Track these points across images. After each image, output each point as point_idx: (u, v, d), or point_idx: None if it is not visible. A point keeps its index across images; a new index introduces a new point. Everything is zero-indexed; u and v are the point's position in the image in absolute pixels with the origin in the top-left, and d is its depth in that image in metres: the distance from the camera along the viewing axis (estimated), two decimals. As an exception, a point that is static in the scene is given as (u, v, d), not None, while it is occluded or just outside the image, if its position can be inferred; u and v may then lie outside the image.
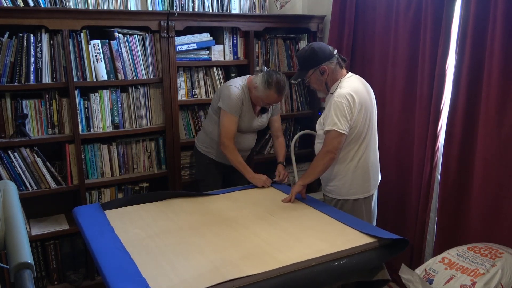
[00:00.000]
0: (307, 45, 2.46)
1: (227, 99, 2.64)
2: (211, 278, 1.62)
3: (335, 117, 2.27)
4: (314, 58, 2.36)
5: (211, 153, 2.85)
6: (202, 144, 2.88)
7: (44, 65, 2.54)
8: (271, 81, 2.57)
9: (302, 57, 2.42)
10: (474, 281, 1.95)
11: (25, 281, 0.98)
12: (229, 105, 2.63)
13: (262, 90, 2.59)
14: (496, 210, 2.28)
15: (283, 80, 2.60)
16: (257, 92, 2.63)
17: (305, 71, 2.40)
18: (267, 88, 2.58)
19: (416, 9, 2.61)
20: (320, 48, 2.37)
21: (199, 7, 3.07)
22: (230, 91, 2.64)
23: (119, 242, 1.92)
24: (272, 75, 2.58)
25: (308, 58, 2.37)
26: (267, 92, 2.58)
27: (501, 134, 2.21)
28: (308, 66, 2.39)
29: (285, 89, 2.62)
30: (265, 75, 2.59)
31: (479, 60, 2.28)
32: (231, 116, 2.65)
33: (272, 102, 2.68)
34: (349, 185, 2.41)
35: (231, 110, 2.64)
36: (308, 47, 2.40)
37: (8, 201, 1.27)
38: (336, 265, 1.82)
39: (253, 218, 2.22)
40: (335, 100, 2.28)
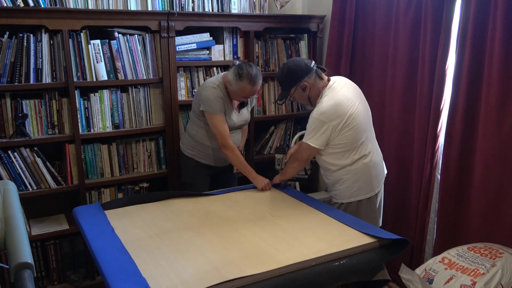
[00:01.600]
0: (283, 64, 2.48)
1: (208, 101, 2.57)
2: (211, 278, 1.62)
3: (311, 132, 2.35)
4: (292, 77, 2.37)
5: (196, 156, 2.78)
6: (187, 147, 2.81)
7: (44, 65, 2.54)
8: (241, 73, 2.52)
9: (280, 78, 2.44)
10: (474, 281, 1.95)
11: (25, 281, 0.98)
12: (213, 106, 2.57)
13: (235, 83, 2.55)
14: (496, 210, 2.28)
15: (255, 71, 2.55)
16: (231, 87, 2.58)
17: (287, 90, 2.43)
18: (239, 81, 2.53)
19: (416, 9, 2.61)
20: (295, 65, 2.37)
21: (199, 7, 3.08)
22: (209, 93, 2.58)
23: (119, 242, 1.92)
24: (242, 67, 2.54)
25: (286, 78, 2.39)
26: (240, 84, 2.54)
27: (501, 134, 2.21)
28: (288, 85, 2.41)
29: (257, 80, 2.56)
30: (236, 69, 2.55)
31: (479, 60, 2.28)
32: (219, 117, 2.59)
33: (248, 94, 2.61)
34: (352, 188, 2.41)
35: (216, 110, 2.58)
36: (284, 67, 2.42)
37: (8, 201, 1.27)
38: (336, 265, 1.82)
39: (253, 218, 2.22)
40: (313, 116, 2.34)
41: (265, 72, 3.29)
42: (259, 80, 2.59)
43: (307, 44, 3.43)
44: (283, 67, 2.43)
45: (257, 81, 2.57)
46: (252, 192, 2.64)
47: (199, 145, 2.76)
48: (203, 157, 2.78)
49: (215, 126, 2.60)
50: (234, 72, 2.55)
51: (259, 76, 2.58)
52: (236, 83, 2.55)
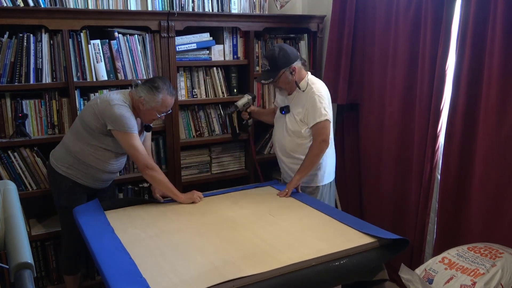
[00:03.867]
0: (274, 46, 2.48)
1: (122, 119, 2.28)
2: (211, 278, 1.62)
3: (323, 109, 2.48)
4: (286, 58, 2.46)
5: (74, 175, 2.42)
6: (62, 164, 2.41)
7: (44, 65, 2.54)
8: (157, 85, 2.33)
9: (273, 57, 2.45)
10: (474, 281, 1.95)
11: (25, 281, 0.98)
12: (129, 124, 2.29)
13: (153, 99, 2.33)
14: (496, 210, 2.28)
15: (168, 82, 2.42)
16: (148, 105, 2.34)
17: (276, 71, 2.46)
18: (158, 94, 2.33)
19: (416, 9, 2.61)
20: (290, 49, 2.51)
21: (199, 7, 3.08)
22: (121, 110, 2.30)
23: (119, 242, 1.92)
24: (154, 80, 2.37)
25: (280, 58, 2.45)
26: (159, 98, 2.33)
27: (501, 134, 2.21)
28: (280, 66, 2.47)
29: (174, 90, 2.43)
30: (147, 84, 2.36)
31: (479, 60, 2.28)
32: (135, 135, 2.33)
33: (169, 107, 2.42)
34: (326, 171, 2.66)
35: (133, 128, 2.31)
36: (278, 48, 2.47)
37: (8, 201, 1.27)
38: (336, 265, 1.82)
39: (253, 218, 2.23)
40: (317, 94, 2.49)
41: (265, 72, 3.29)
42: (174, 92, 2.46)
43: (307, 44, 3.43)
44: (276, 47, 2.46)
45: (174, 93, 2.42)
46: (252, 192, 2.64)
47: (81, 165, 2.41)
48: (82, 177, 2.44)
49: (133, 146, 2.32)
50: (147, 88, 2.34)
51: (174, 88, 2.46)
52: (154, 98, 2.33)
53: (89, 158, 2.39)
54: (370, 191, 3.16)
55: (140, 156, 2.33)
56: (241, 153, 3.32)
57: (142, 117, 2.43)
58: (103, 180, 2.52)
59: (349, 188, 3.35)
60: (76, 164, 2.41)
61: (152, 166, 2.37)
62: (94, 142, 2.37)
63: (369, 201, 3.17)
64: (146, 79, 2.44)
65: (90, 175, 2.44)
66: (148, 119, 2.44)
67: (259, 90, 3.30)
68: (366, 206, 3.22)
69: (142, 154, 2.33)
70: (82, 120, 2.38)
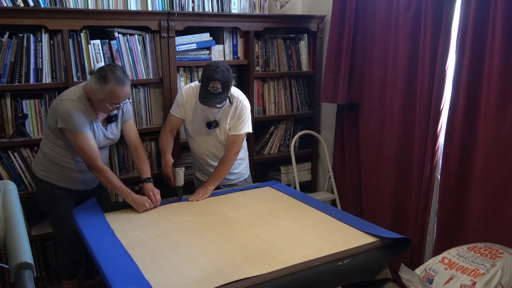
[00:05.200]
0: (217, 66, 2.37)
1: (68, 117, 2.16)
2: (214, 280, 1.62)
3: (249, 122, 2.59)
4: (232, 77, 2.45)
5: (50, 178, 2.35)
6: (39, 168, 2.36)
7: (44, 65, 2.54)
8: (105, 75, 2.17)
9: (227, 80, 2.37)
10: (474, 281, 1.95)
11: (25, 281, 0.98)
12: (74, 122, 2.17)
13: (100, 90, 2.18)
14: (496, 210, 2.28)
15: (120, 70, 2.23)
16: (97, 95, 2.21)
17: (227, 92, 2.42)
18: (105, 85, 2.17)
19: (416, 9, 2.61)
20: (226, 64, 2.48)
21: (199, 7, 3.08)
22: (67, 106, 2.17)
23: (120, 244, 1.91)
24: (103, 69, 2.21)
25: (231, 78, 2.43)
26: (107, 88, 2.17)
27: (501, 134, 2.21)
28: (231, 85, 2.44)
29: (126, 80, 2.23)
30: (96, 73, 2.20)
31: (479, 60, 2.28)
32: (82, 134, 2.20)
33: (120, 98, 2.23)
34: (246, 165, 2.84)
35: (80, 127, 2.19)
36: (225, 68, 2.40)
37: (8, 201, 1.27)
38: (339, 265, 1.82)
39: (254, 218, 2.22)
40: (246, 106, 2.57)
41: (265, 72, 3.29)
42: (128, 81, 2.26)
43: (307, 44, 3.43)
44: (223, 68, 2.38)
45: (125, 82, 2.23)
46: (251, 192, 2.64)
47: (54, 166, 2.34)
48: (60, 179, 2.36)
49: (79, 146, 2.21)
50: (96, 77, 2.19)
51: (126, 77, 2.25)
52: (102, 89, 2.18)
53: (60, 158, 2.32)
54: (370, 191, 3.16)
55: (84, 156, 2.23)
56: (241, 153, 3.32)
57: (97, 107, 2.27)
58: (82, 181, 2.41)
59: (349, 188, 3.35)
60: (51, 166, 2.34)
61: (97, 168, 2.25)
62: (60, 141, 2.29)
63: (369, 201, 3.17)
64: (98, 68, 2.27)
65: (66, 176, 2.36)
66: (102, 110, 2.29)
67: (259, 90, 3.30)
68: (366, 206, 3.22)
69: (86, 154, 2.21)
70: (47, 120, 2.33)
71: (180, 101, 2.61)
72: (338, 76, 3.11)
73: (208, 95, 2.36)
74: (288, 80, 3.44)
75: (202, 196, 2.50)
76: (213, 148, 2.66)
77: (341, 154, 3.37)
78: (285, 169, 3.52)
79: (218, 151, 2.66)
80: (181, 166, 2.49)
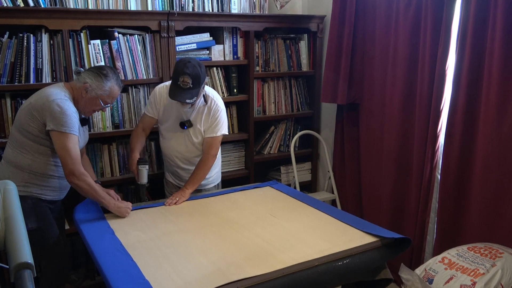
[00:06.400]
0: (188, 61, 2.32)
1: (64, 117, 2.04)
2: (215, 280, 1.62)
3: (225, 124, 2.55)
4: (204, 73, 2.39)
5: (35, 192, 2.13)
6: (19, 185, 1.98)
7: (44, 65, 2.54)
8: (106, 73, 2.16)
9: (198, 74, 2.30)
10: (474, 281, 1.95)
11: (25, 281, 0.98)
12: (70, 123, 2.06)
13: (100, 86, 2.15)
14: (496, 210, 2.28)
15: (117, 71, 2.28)
16: (93, 92, 2.15)
17: (198, 88, 2.34)
18: (106, 81, 2.15)
19: (416, 9, 2.61)
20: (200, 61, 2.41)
21: (199, 7, 3.08)
22: (63, 106, 2.05)
23: (120, 244, 1.92)
24: (103, 67, 2.21)
25: (203, 73, 2.36)
26: (107, 85, 2.16)
27: (501, 134, 2.21)
28: (202, 81, 2.36)
29: (121, 82, 2.25)
30: (94, 70, 2.18)
31: (479, 60, 2.28)
32: (74, 137, 2.08)
33: (114, 98, 2.24)
34: (218, 170, 2.77)
35: (73, 129, 2.07)
36: (197, 63, 2.34)
37: (8, 201, 1.27)
38: (339, 265, 1.82)
39: (254, 218, 2.22)
40: (222, 108, 2.53)
41: (265, 72, 3.29)
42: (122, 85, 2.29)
43: (307, 44, 3.43)
44: (195, 63, 2.33)
45: (122, 85, 2.27)
46: (251, 192, 2.64)
47: (39, 178, 2.13)
48: (45, 191, 2.17)
49: (67, 148, 2.05)
50: (95, 74, 2.15)
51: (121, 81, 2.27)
52: (101, 86, 2.15)
53: (45, 167, 2.14)
54: (370, 191, 3.16)
55: (70, 161, 2.06)
56: (241, 153, 3.32)
57: (83, 107, 2.19)
58: (60, 189, 2.26)
59: (349, 188, 3.35)
60: (33, 179, 2.12)
61: (80, 174, 2.08)
62: (44, 147, 2.12)
63: (369, 201, 3.17)
64: (92, 67, 2.24)
65: (53, 186, 2.18)
66: (89, 109, 2.22)
67: (259, 90, 3.30)
68: (366, 206, 3.22)
69: (73, 158, 2.06)
70: (20, 128, 2.11)
71: (153, 100, 2.56)
72: (338, 76, 3.11)
73: (178, 90, 2.30)
74: (288, 80, 3.44)
75: (179, 200, 2.43)
76: (184, 149, 2.58)
77: (341, 154, 3.37)
78: (285, 169, 3.52)
79: (189, 153, 2.59)
80: (144, 164, 2.47)
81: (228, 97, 3.15)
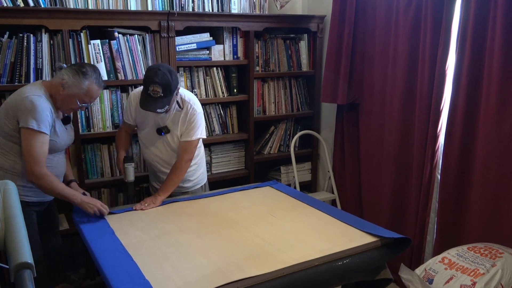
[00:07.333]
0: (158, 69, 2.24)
1: (34, 113, 1.98)
2: (215, 280, 1.62)
3: (201, 128, 2.47)
4: (176, 80, 2.29)
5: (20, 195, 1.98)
6: None
7: (44, 65, 2.54)
8: (85, 71, 2.09)
9: (168, 83, 2.22)
10: (474, 281, 1.95)
11: (25, 281, 0.98)
12: (38, 119, 1.98)
13: (77, 84, 2.07)
14: (496, 210, 2.28)
15: (99, 70, 2.18)
16: (70, 90, 2.08)
17: (170, 96, 2.26)
18: (83, 79, 2.07)
19: (416, 9, 2.61)
20: (171, 67, 2.34)
21: (199, 7, 3.08)
22: (34, 102, 1.99)
23: (120, 244, 1.92)
24: (82, 65, 2.14)
25: (174, 81, 2.26)
26: (85, 84, 2.08)
27: (501, 134, 2.21)
28: (174, 89, 2.28)
29: (103, 83, 2.19)
30: (74, 67, 2.12)
31: (479, 60, 2.28)
32: (41, 136, 2.00)
33: (92, 97, 2.16)
34: (203, 171, 2.73)
35: (42, 126, 1.99)
36: (167, 70, 2.25)
37: (8, 201, 1.27)
38: (339, 265, 1.83)
39: (254, 218, 2.22)
40: (198, 111, 2.44)
41: (265, 72, 3.29)
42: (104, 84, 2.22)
43: (307, 44, 3.43)
44: (165, 70, 2.24)
45: (103, 85, 2.19)
46: (251, 192, 2.64)
47: (22, 180, 2.08)
48: (30, 194, 2.12)
49: (31, 146, 1.98)
50: (74, 71, 2.09)
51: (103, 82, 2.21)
52: (78, 84, 2.08)
53: None
54: (370, 191, 3.16)
55: (32, 159, 1.99)
56: (241, 153, 3.32)
57: (60, 104, 2.12)
58: None
59: (349, 188, 3.35)
60: (16, 181, 2.03)
61: (39, 174, 2.01)
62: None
63: (369, 201, 3.17)
64: (74, 63, 2.20)
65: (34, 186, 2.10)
66: (67, 107, 2.14)
67: (259, 90, 3.30)
68: (366, 206, 3.22)
69: (34, 157, 1.99)
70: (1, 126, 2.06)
71: (128, 107, 2.51)
72: (338, 76, 3.11)
73: (149, 99, 2.23)
74: (288, 80, 3.44)
75: (148, 206, 2.37)
76: (165, 155, 2.51)
77: (341, 154, 3.37)
78: (285, 169, 3.52)
79: (170, 159, 2.51)
80: (130, 162, 2.49)
81: (228, 97, 3.15)
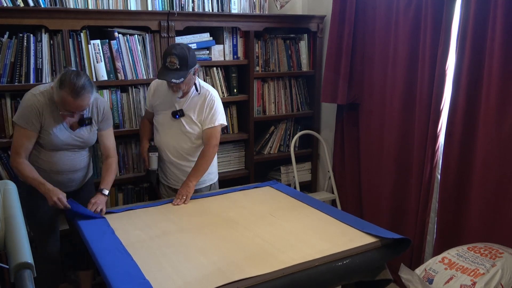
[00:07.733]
0: (177, 45, 2.41)
1: (20, 108, 2.20)
2: (215, 280, 1.62)
3: (221, 114, 2.57)
4: (193, 58, 2.43)
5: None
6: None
7: (44, 65, 2.54)
8: (63, 80, 2.11)
9: (184, 56, 2.35)
10: (474, 281, 1.95)
11: (25, 281, 0.98)
12: (20, 114, 2.18)
13: (56, 92, 2.15)
14: (496, 210, 2.28)
15: (82, 82, 2.12)
16: (54, 96, 2.17)
17: (186, 70, 2.37)
18: (59, 89, 2.12)
19: (416, 9, 2.61)
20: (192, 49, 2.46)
21: (199, 7, 3.08)
22: (24, 99, 2.20)
23: (120, 244, 1.92)
24: (67, 73, 2.14)
25: (191, 57, 2.40)
26: (60, 93, 2.12)
27: (501, 134, 2.21)
28: (190, 66, 2.40)
29: (83, 92, 2.12)
30: (60, 75, 2.17)
31: (479, 60, 2.28)
32: (24, 131, 2.18)
33: (69, 107, 2.15)
34: (214, 169, 2.76)
35: (21, 121, 2.17)
36: (186, 47, 2.40)
37: (8, 201, 1.27)
38: (339, 265, 1.83)
39: (254, 218, 2.22)
40: (217, 98, 2.57)
41: (265, 72, 3.29)
42: (86, 94, 2.14)
43: (307, 44, 3.43)
44: (184, 46, 2.39)
45: (81, 94, 2.12)
46: (251, 192, 2.64)
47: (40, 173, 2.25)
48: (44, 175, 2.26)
49: (13, 137, 2.23)
50: (58, 78, 2.16)
51: (86, 89, 2.14)
52: (57, 92, 2.14)
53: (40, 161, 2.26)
54: (370, 191, 3.16)
55: (12, 149, 2.22)
56: (241, 153, 3.32)
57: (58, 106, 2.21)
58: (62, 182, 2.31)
59: (349, 188, 3.35)
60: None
61: (13, 162, 2.21)
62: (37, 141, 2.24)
63: (369, 201, 3.17)
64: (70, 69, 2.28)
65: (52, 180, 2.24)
66: (60, 110, 2.20)
67: (259, 90, 3.30)
68: (366, 206, 3.22)
69: (14, 147, 2.20)
70: None
71: (148, 94, 2.69)
72: (338, 76, 3.11)
73: (165, 70, 2.38)
74: (288, 80, 3.44)
75: (187, 198, 2.44)
76: (175, 140, 2.56)
77: (341, 154, 3.37)
78: (285, 169, 3.52)
79: (181, 145, 2.56)
80: (154, 151, 2.63)
81: (228, 97, 3.15)
